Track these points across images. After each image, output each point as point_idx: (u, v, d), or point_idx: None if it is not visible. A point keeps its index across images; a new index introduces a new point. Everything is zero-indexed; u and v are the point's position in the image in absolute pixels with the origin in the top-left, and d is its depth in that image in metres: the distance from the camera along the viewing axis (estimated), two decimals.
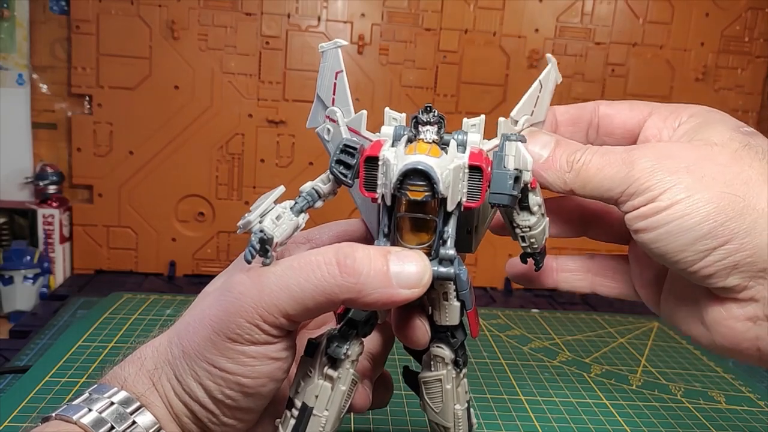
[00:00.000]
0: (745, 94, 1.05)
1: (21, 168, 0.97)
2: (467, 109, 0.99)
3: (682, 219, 0.31)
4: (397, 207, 0.34)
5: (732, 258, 0.31)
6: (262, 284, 0.32)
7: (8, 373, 0.60)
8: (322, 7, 0.95)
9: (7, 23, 0.93)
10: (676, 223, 0.31)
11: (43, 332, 0.71)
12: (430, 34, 0.98)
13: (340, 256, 0.31)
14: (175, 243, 0.99)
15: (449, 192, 0.32)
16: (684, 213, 0.31)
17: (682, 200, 0.31)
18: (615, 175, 0.33)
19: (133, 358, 0.36)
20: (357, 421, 0.53)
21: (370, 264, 0.31)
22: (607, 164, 0.33)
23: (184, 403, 0.34)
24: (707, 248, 0.31)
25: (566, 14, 0.99)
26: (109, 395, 0.33)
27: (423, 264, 0.32)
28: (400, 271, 0.31)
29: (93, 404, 0.33)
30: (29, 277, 0.91)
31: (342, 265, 0.31)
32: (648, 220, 0.32)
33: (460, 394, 0.39)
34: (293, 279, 0.31)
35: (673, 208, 0.31)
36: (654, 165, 0.32)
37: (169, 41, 0.94)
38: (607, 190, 0.33)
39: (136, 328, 0.69)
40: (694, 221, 0.31)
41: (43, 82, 0.96)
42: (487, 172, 0.33)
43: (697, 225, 0.31)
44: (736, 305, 0.33)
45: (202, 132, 0.97)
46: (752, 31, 1.03)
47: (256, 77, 0.96)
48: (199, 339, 0.33)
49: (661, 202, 0.31)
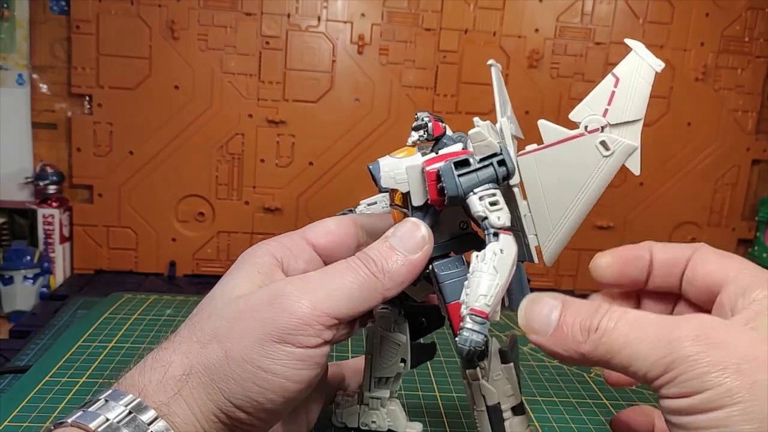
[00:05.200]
0: (745, 94, 1.05)
1: (21, 168, 0.97)
2: (467, 109, 0.99)
3: (722, 429, 0.27)
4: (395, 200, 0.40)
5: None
6: (315, 287, 0.35)
7: (8, 373, 0.60)
8: (322, 7, 0.95)
9: (7, 23, 0.93)
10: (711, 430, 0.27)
11: (43, 332, 0.71)
12: (430, 34, 0.98)
13: (365, 260, 0.36)
14: (175, 243, 0.99)
15: (411, 188, 0.37)
16: (723, 423, 0.26)
17: (727, 407, 0.26)
18: (649, 355, 0.28)
19: (155, 365, 0.34)
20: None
21: (385, 257, 0.36)
22: (640, 339, 0.29)
23: (219, 407, 0.34)
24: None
25: (566, 14, 0.99)
26: (125, 402, 0.32)
27: (412, 222, 0.37)
28: (400, 237, 0.36)
29: (109, 412, 0.32)
30: (29, 277, 0.91)
31: (372, 267, 0.36)
32: (684, 417, 0.28)
33: (476, 396, 0.39)
34: (340, 281, 0.35)
35: (713, 414, 0.27)
36: (700, 353, 0.27)
37: (169, 41, 0.94)
38: (639, 369, 0.29)
39: (136, 328, 0.69)
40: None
41: (43, 82, 0.96)
42: (430, 172, 0.35)
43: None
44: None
45: (202, 132, 0.97)
46: (752, 31, 1.03)
47: (256, 77, 0.96)
48: (247, 341, 0.33)
49: (700, 401, 0.27)
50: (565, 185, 0.35)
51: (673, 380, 0.28)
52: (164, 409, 0.33)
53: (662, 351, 0.28)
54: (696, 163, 1.06)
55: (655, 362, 0.28)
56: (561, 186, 0.35)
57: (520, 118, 0.40)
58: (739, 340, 0.28)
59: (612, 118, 0.34)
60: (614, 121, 0.34)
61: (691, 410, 0.27)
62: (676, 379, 0.27)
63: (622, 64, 0.34)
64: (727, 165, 1.07)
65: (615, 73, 0.34)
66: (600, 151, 0.34)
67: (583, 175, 0.35)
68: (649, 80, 0.33)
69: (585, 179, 0.35)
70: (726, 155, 1.07)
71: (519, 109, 0.40)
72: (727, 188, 1.08)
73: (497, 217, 0.34)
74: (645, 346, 0.28)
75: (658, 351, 0.28)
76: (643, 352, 0.28)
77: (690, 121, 1.05)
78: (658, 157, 1.04)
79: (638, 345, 0.28)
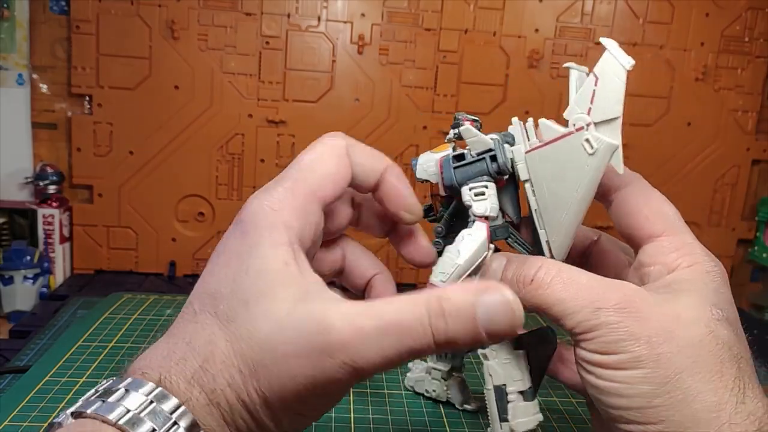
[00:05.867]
0: (745, 94, 1.05)
1: (21, 168, 0.97)
2: (467, 109, 0.98)
3: (625, 385, 0.32)
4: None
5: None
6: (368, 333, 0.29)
7: (8, 373, 0.60)
8: (322, 7, 0.95)
9: (7, 23, 0.93)
10: (618, 386, 0.32)
11: (43, 332, 0.71)
12: (430, 34, 0.98)
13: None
14: (175, 243, 0.99)
15: (438, 178, 0.40)
16: (627, 380, 0.32)
17: (633, 369, 0.32)
18: (577, 314, 0.33)
19: (174, 349, 0.30)
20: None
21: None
22: (571, 299, 0.33)
23: (243, 398, 0.30)
24: (636, 420, 0.32)
25: (566, 14, 0.99)
26: (145, 392, 0.29)
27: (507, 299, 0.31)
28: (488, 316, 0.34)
29: (129, 402, 0.28)
30: (29, 277, 0.91)
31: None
32: (598, 368, 0.33)
33: (485, 374, 0.40)
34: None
35: (620, 372, 0.32)
36: (620, 322, 0.32)
37: (169, 41, 0.94)
38: (566, 323, 0.34)
39: (136, 328, 0.69)
40: (633, 392, 0.32)
41: (43, 82, 0.96)
42: (439, 163, 0.40)
43: (635, 396, 0.32)
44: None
45: (202, 132, 0.97)
46: (752, 31, 1.03)
47: (256, 77, 0.96)
48: (286, 386, 0.30)
49: (613, 360, 0.32)
50: (561, 182, 0.36)
51: (593, 339, 0.33)
52: (186, 396, 0.29)
53: (588, 314, 0.33)
54: (696, 163, 1.06)
55: (582, 322, 0.33)
56: (558, 182, 0.37)
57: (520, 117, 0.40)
58: (654, 314, 0.32)
59: (595, 117, 0.35)
60: (597, 119, 0.35)
61: (603, 365, 0.32)
62: (596, 339, 0.32)
63: (599, 63, 0.34)
64: (727, 165, 1.07)
65: (594, 72, 0.34)
66: (585, 149, 0.35)
67: (574, 171, 0.36)
68: (623, 78, 0.34)
69: (576, 176, 0.36)
70: (726, 155, 1.07)
71: (519, 109, 0.41)
72: (727, 188, 1.08)
73: (478, 206, 0.38)
74: (575, 307, 0.33)
75: (585, 314, 0.33)
76: (572, 311, 0.33)
77: (690, 121, 1.05)
78: (658, 157, 1.04)
79: (569, 304, 0.33)
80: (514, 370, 0.40)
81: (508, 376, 0.40)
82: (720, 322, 0.33)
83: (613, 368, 0.32)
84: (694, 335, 0.32)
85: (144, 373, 0.30)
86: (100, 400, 0.29)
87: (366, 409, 0.54)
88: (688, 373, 0.31)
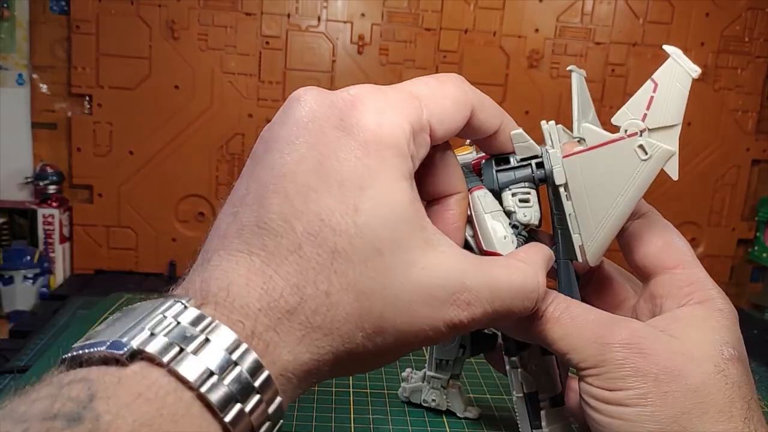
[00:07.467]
0: (745, 94, 1.05)
1: (21, 168, 0.97)
2: None
3: (630, 423, 0.31)
4: None
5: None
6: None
7: (8, 373, 0.60)
8: (322, 7, 0.95)
9: (7, 23, 0.93)
10: (623, 423, 0.31)
11: (43, 332, 0.71)
12: (430, 34, 0.98)
13: None
14: (175, 243, 0.99)
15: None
16: (632, 418, 0.31)
17: (639, 406, 0.31)
18: (584, 350, 0.33)
19: (250, 284, 0.25)
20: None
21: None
22: (578, 335, 0.33)
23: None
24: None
25: (566, 14, 0.99)
26: (226, 347, 0.23)
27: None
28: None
29: (209, 358, 0.22)
30: (29, 277, 0.91)
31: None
32: (602, 404, 0.32)
33: (515, 382, 0.40)
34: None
35: (628, 410, 0.31)
36: (627, 358, 0.31)
37: (169, 41, 0.94)
38: (572, 358, 0.33)
39: None
40: (638, 430, 0.31)
41: (43, 82, 0.96)
42: (475, 165, 0.38)
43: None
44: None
45: (202, 132, 0.97)
46: (752, 31, 1.03)
47: (256, 77, 0.96)
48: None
49: (618, 396, 0.31)
50: (605, 187, 0.36)
51: (600, 374, 0.32)
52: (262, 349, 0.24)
53: (595, 350, 0.32)
54: (696, 163, 1.06)
55: (588, 357, 0.32)
56: (602, 187, 0.36)
57: (520, 118, 0.40)
58: (661, 351, 0.32)
59: (651, 123, 0.35)
60: (653, 126, 0.35)
61: (608, 401, 0.32)
62: (603, 374, 0.32)
63: (660, 69, 0.34)
64: (727, 165, 1.07)
65: (654, 78, 0.35)
66: (638, 155, 0.35)
67: (622, 177, 0.35)
68: (686, 85, 0.34)
69: (624, 182, 0.35)
70: (726, 155, 1.07)
71: (519, 109, 0.41)
72: (727, 188, 1.08)
73: (524, 213, 0.37)
74: (581, 343, 0.33)
75: (592, 349, 0.32)
76: (579, 346, 0.33)
77: (690, 121, 1.05)
78: None
79: (576, 340, 0.33)
80: (544, 377, 0.39)
81: (539, 383, 0.39)
82: (731, 362, 0.32)
83: (618, 404, 0.31)
84: (704, 374, 0.31)
85: (234, 318, 0.24)
86: (178, 347, 0.22)
87: (366, 418, 0.53)
88: (696, 413, 0.30)
